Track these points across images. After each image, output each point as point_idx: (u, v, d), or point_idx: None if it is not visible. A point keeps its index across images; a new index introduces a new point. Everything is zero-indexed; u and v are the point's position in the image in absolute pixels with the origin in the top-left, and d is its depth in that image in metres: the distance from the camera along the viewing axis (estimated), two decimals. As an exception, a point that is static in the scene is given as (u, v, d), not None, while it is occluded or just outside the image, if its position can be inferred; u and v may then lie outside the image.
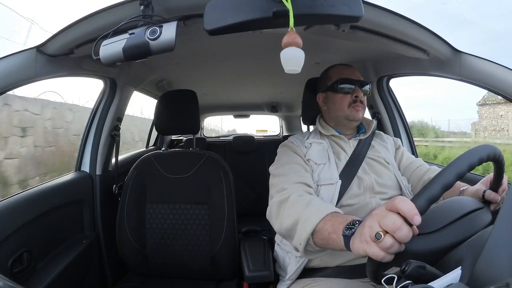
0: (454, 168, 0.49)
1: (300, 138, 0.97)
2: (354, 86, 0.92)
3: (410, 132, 1.44)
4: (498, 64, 0.81)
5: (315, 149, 0.91)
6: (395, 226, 0.44)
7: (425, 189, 0.48)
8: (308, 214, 0.65)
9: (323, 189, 0.84)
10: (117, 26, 0.60)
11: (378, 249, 0.45)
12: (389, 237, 0.45)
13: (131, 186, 1.18)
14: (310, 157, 0.90)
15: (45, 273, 0.91)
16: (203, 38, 0.81)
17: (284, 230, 0.71)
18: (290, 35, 0.52)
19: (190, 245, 1.15)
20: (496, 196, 0.65)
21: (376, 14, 0.74)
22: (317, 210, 0.65)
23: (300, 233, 0.65)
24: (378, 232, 0.45)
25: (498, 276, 0.38)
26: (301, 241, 0.64)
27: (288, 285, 0.88)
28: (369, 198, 0.85)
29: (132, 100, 1.43)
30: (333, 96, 0.94)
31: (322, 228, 0.61)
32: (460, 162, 0.50)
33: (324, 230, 0.60)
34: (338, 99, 0.93)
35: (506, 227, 0.41)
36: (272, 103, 2.78)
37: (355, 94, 0.92)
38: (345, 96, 0.92)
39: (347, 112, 0.92)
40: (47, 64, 0.81)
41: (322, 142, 0.94)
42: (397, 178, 0.91)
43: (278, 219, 0.74)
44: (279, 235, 0.75)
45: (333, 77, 0.95)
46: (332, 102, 0.95)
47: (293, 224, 0.67)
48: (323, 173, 0.86)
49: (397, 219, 0.44)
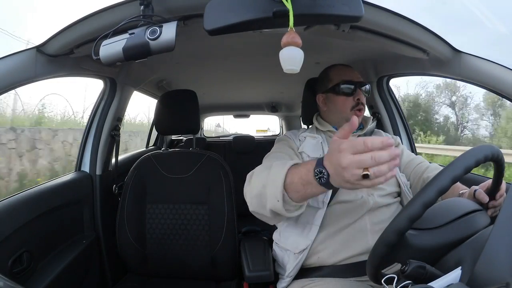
0: (462, 162, 0.49)
1: (295, 132, 0.99)
2: (356, 88, 0.92)
3: (410, 132, 1.45)
4: (498, 64, 0.81)
5: (309, 142, 0.92)
6: (374, 160, 0.46)
7: (434, 180, 0.49)
8: (273, 174, 0.66)
9: None
10: (117, 26, 0.60)
11: (371, 182, 0.47)
12: (376, 168, 0.46)
13: (131, 186, 1.18)
14: (303, 150, 0.90)
15: (45, 273, 0.91)
16: (203, 38, 0.81)
17: (255, 198, 0.70)
18: (289, 35, 0.52)
19: (190, 245, 1.15)
20: (484, 196, 0.65)
21: (376, 14, 0.74)
22: (278, 168, 0.66)
23: (272, 193, 0.65)
24: (364, 174, 0.46)
25: (498, 276, 0.38)
26: (277, 197, 0.64)
27: (288, 282, 0.88)
28: (367, 195, 0.84)
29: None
30: (335, 98, 0.94)
31: (292, 182, 0.62)
32: (455, 165, 0.50)
33: (295, 183, 0.62)
34: (340, 101, 0.93)
35: (506, 227, 0.41)
36: (272, 103, 2.78)
37: (357, 97, 0.92)
38: (347, 98, 0.92)
39: (348, 115, 0.92)
40: (47, 64, 0.81)
41: (316, 137, 0.94)
42: (395, 175, 0.90)
43: (248, 191, 0.74)
44: (253, 211, 0.74)
45: (334, 78, 0.95)
46: (333, 104, 0.95)
47: (263, 187, 0.67)
48: None
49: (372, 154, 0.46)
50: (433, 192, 0.48)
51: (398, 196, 0.90)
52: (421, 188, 0.50)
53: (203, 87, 1.95)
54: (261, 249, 1.04)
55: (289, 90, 2.20)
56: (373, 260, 0.51)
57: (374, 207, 0.83)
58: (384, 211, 0.84)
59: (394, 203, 0.87)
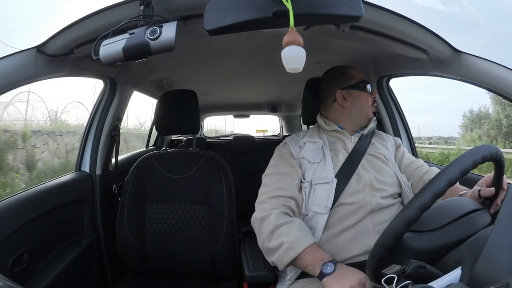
0: (458, 164, 0.49)
1: (294, 138, 0.99)
2: (372, 88, 1.01)
3: (410, 132, 1.44)
4: (498, 64, 0.81)
5: (309, 148, 0.93)
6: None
7: (430, 184, 0.48)
8: (292, 241, 0.74)
9: (319, 188, 0.84)
10: (117, 26, 0.60)
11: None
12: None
13: (131, 186, 1.18)
14: (304, 156, 0.91)
15: (45, 273, 0.91)
16: (203, 38, 0.81)
17: (267, 248, 0.80)
18: (290, 34, 0.51)
19: (190, 245, 1.15)
20: (491, 190, 0.65)
21: (376, 14, 0.74)
22: (300, 241, 0.74)
23: (281, 258, 0.75)
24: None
25: (498, 276, 0.38)
26: (283, 264, 0.75)
27: (288, 285, 0.88)
28: (369, 196, 0.84)
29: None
30: (359, 94, 0.97)
31: (302, 258, 0.73)
32: (451, 168, 0.50)
33: (304, 260, 0.73)
34: (363, 97, 0.97)
35: (506, 227, 0.41)
36: (272, 103, 2.78)
37: (374, 95, 1.00)
38: (368, 96, 0.99)
39: (369, 111, 0.99)
40: (47, 64, 0.81)
41: (316, 141, 0.94)
42: (397, 175, 0.91)
43: (261, 236, 0.82)
44: (260, 246, 0.83)
45: (355, 76, 0.99)
46: (358, 100, 0.97)
47: (277, 247, 0.76)
48: (318, 172, 0.87)
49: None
50: (428, 196, 0.47)
51: (399, 197, 0.90)
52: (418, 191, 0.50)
53: (203, 87, 1.95)
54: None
55: (289, 90, 2.20)
56: (372, 261, 0.51)
57: (376, 208, 0.83)
58: (385, 212, 0.84)
59: (395, 204, 0.87)
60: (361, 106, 0.97)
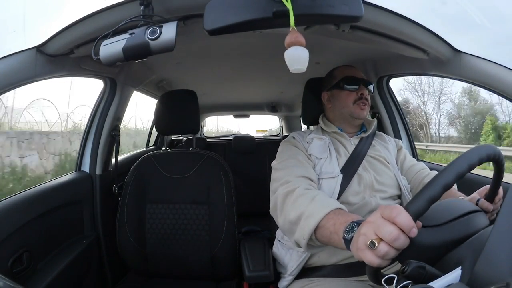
0: (454, 168, 0.49)
1: (301, 133, 0.99)
2: (359, 84, 0.94)
3: (410, 132, 1.45)
4: (498, 64, 0.81)
5: (316, 144, 0.93)
6: (392, 236, 0.45)
7: (425, 189, 0.48)
8: (312, 209, 0.66)
9: (325, 182, 0.85)
10: (117, 26, 0.60)
11: (373, 257, 0.46)
12: (384, 245, 0.45)
13: (131, 186, 1.18)
14: (312, 152, 0.91)
15: (45, 273, 0.91)
16: (203, 38, 0.81)
17: (288, 223, 0.72)
18: (292, 35, 0.51)
19: (190, 245, 1.15)
20: (489, 205, 0.65)
21: (376, 14, 0.74)
22: (320, 206, 0.65)
23: (303, 228, 0.66)
24: (372, 241, 0.46)
25: (498, 276, 0.38)
26: (304, 235, 0.65)
27: (290, 281, 0.88)
28: (369, 197, 0.85)
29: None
30: (339, 93, 0.96)
31: (324, 226, 0.62)
32: (460, 162, 0.50)
33: (326, 228, 0.61)
34: (343, 96, 0.95)
35: (506, 227, 0.41)
36: (272, 103, 2.78)
37: (360, 92, 0.93)
38: (351, 93, 0.94)
39: (352, 109, 0.93)
40: (47, 64, 0.81)
41: (323, 138, 0.95)
42: (397, 178, 0.91)
43: (283, 212, 0.74)
44: (281, 229, 0.75)
45: (338, 76, 0.97)
46: (338, 100, 0.96)
47: (297, 218, 0.68)
48: (324, 167, 0.87)
49: (394, 229, 0.45)
50: (438, 187, 0.47)
51: (399, 199, 0.90)
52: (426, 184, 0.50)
53: (203, 87, 1.95)
54: (261, 249, 1.04)
55: (289, 90, 2.20)
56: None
57: (375, 208, 0.83)
58: None
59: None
60: (342, 104, 0.95)
